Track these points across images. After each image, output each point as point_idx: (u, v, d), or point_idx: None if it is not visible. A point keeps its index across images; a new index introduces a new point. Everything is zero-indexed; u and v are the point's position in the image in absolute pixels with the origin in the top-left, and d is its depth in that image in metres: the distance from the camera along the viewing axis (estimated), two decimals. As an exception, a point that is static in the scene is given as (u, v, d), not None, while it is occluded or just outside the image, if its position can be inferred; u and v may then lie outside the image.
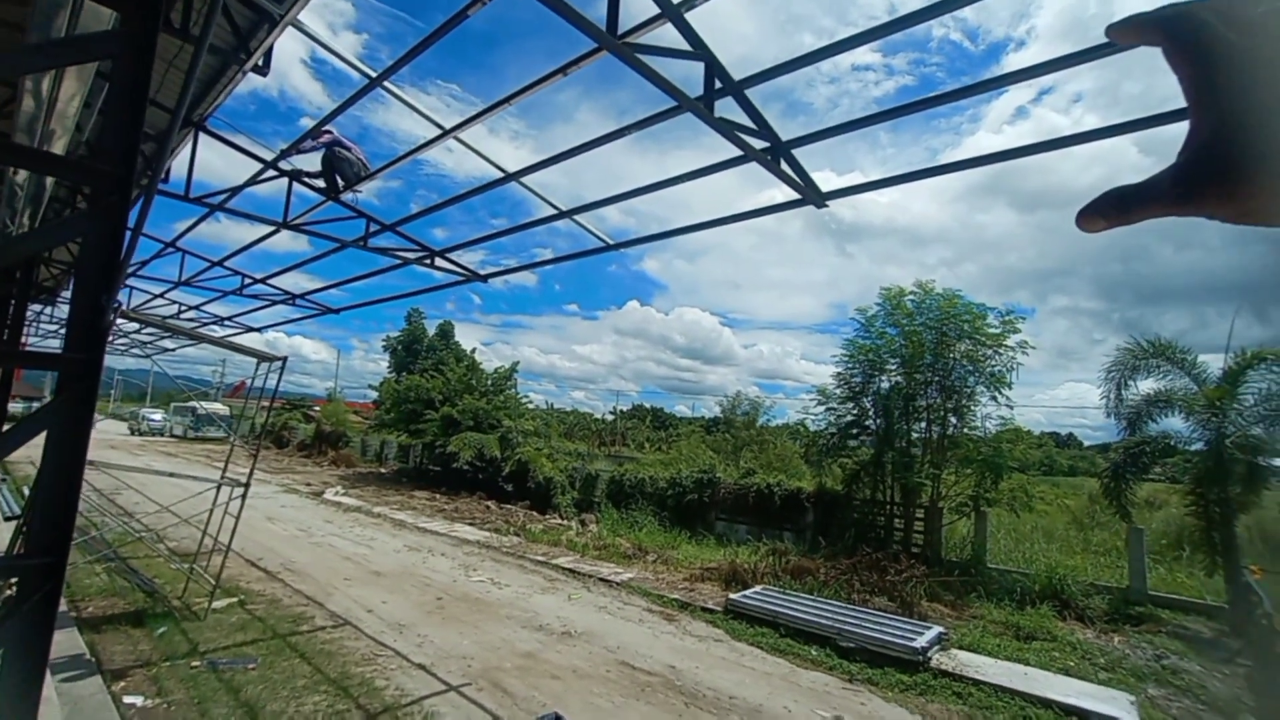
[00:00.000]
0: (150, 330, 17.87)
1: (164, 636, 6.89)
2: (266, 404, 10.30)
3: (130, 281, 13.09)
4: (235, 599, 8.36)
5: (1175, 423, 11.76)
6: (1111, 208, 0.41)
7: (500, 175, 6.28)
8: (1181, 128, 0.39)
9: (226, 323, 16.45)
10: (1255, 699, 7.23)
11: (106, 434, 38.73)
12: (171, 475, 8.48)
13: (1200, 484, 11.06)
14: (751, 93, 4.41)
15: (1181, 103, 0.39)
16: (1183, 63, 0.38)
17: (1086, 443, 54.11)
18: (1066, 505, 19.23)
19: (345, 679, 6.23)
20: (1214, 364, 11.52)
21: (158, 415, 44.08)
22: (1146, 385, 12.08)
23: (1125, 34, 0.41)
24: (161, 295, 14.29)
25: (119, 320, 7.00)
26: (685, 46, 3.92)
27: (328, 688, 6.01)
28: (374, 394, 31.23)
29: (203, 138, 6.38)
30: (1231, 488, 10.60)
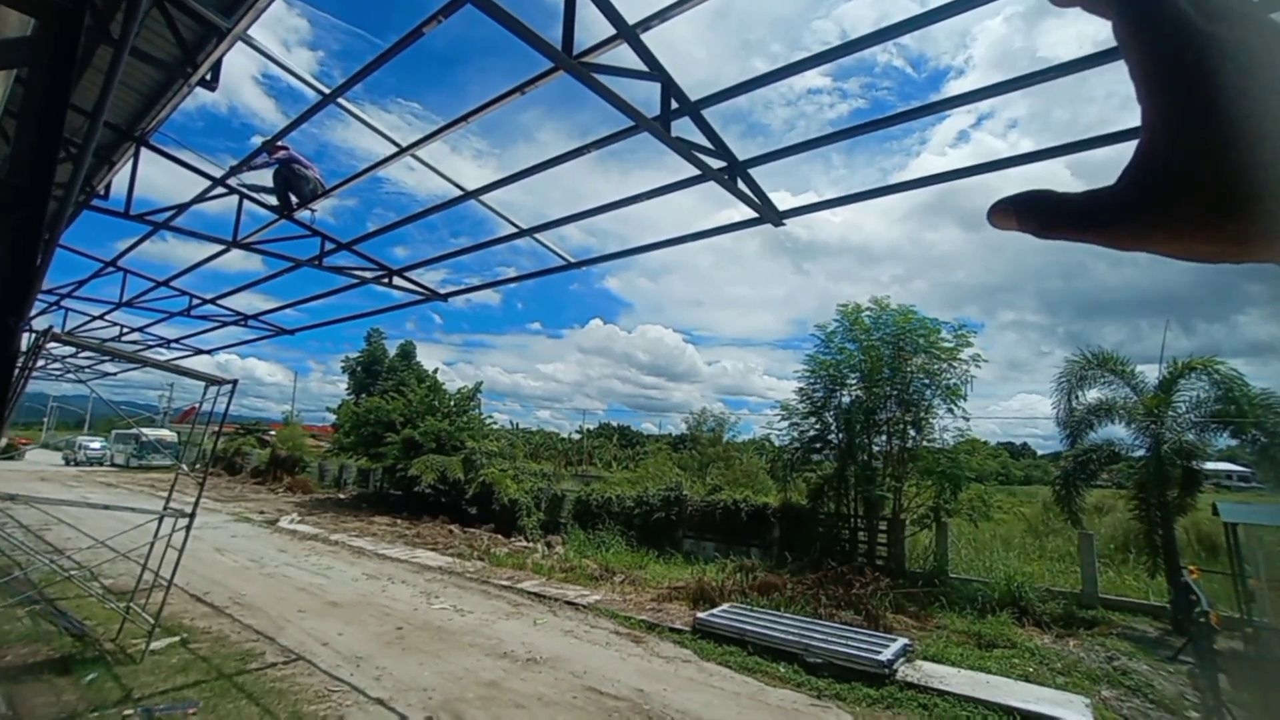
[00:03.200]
0: (88, 354, 16.95)
1: (93, 684, 6.40)
2: (216, 429, 9.83)
3: (66, 303, 12.42)
4: (176, 638, 7.86)
5: (1118, 430, 12.35)
6: (1030, 215, 0.34)
7: (460, 193, 6.23)
8: (1107, 151, 0.31)
9: (174, 345, 15.73)
10: (1197, 695, 7.52)
11: (37, 465, 36.34)
12: (107, 508, 7.98)
13: (1142, 489, 11.60)
14: (711, 114, 4.50)
15: (1106, 129, 0.33)
16: (1136, 43, 0.29)
17: (1040, 452, 56.16)
18: (1023, 513, 19.87)
19: (296, 719, 5.90)
20: (1150, 374, 12.17)
21: (96, 443, 41.56)
22: (1093, 394, 12.68)
23: (1075, 3, 0.34)
24: (102, 317, 13.59)
25: (50, 344, 6.60)
26: (642, 67, 3.98)
27: (276, 729, 5.68)
28: (332, 417, 30.17)
29: (148, 154, 6.15)
30: (1170, 492, 11.14)
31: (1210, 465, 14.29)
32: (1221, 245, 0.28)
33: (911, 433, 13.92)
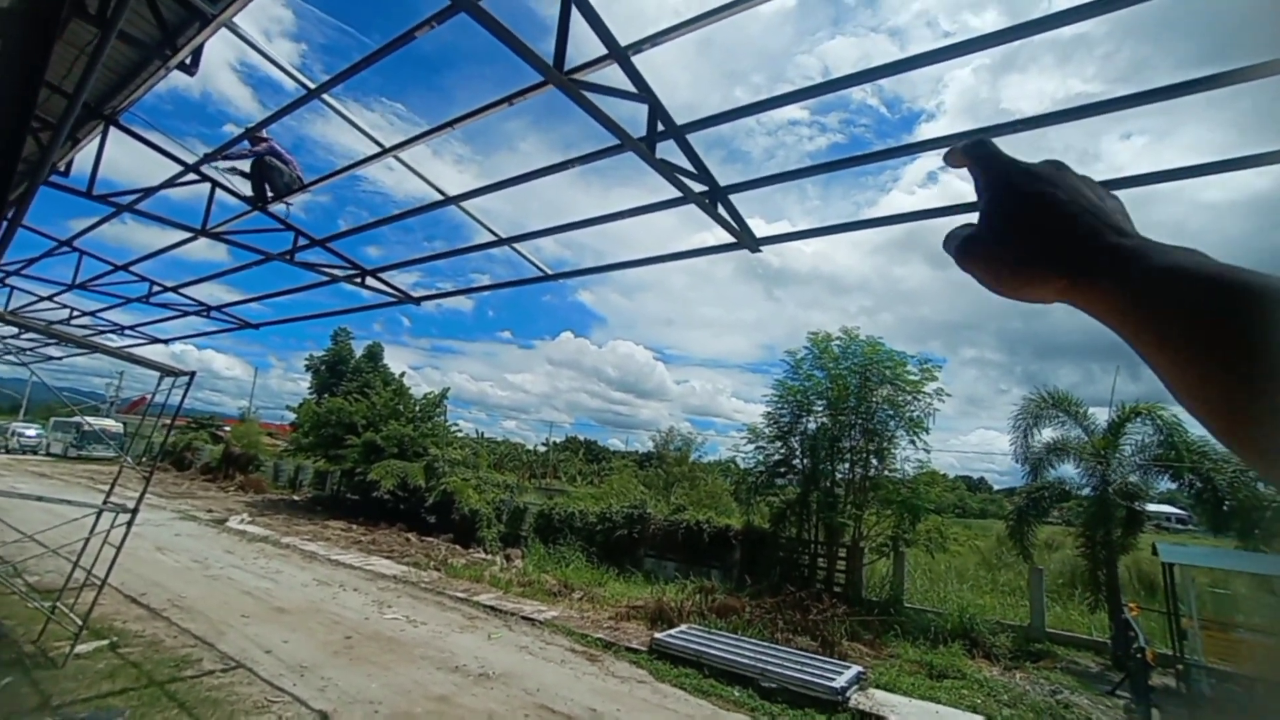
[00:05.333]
0: (32, 336, 16.13)
1: (8, 689, 6.00)
2: (167, 422, 9.44)
3: (11, 281, 11.85)
4: (105, 641, 7.44)
5: (1070, 469, 12.82)
6: (956, 249, 0.51)
7: (440, 198, 6.20)
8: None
9: (128, 332, 15.06)
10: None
11: (-34, 450, 34.22)
12: (39, 499, 7.56)
13: (1088, 527, 12.02)
14: (694, 138, 4.59)
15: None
16: (976, 166, 0.52)
17: (996, 487, 57.71)
18: (977, 546, 20.33)
19: (229, 731, 5.62)
20: (1101, 416, 12.69)
21: (32, 430, 39.37)
22: (1048, 433, 13.15)
23: (952, 160, 0.55)
24: (50, 298, 12.96)
25: (-7, 322, 6.29)
26: (630, 88, 4.05)
27: (207, 741, 5.40)
28: (291, 415, 29.22)
29: (115, 134, 5.96)
30: (1114, 531, 11.57)
31: (1152, 507, 14.91)
32: (1014, 266, 0.46)
33: (874, 462, 14.17)
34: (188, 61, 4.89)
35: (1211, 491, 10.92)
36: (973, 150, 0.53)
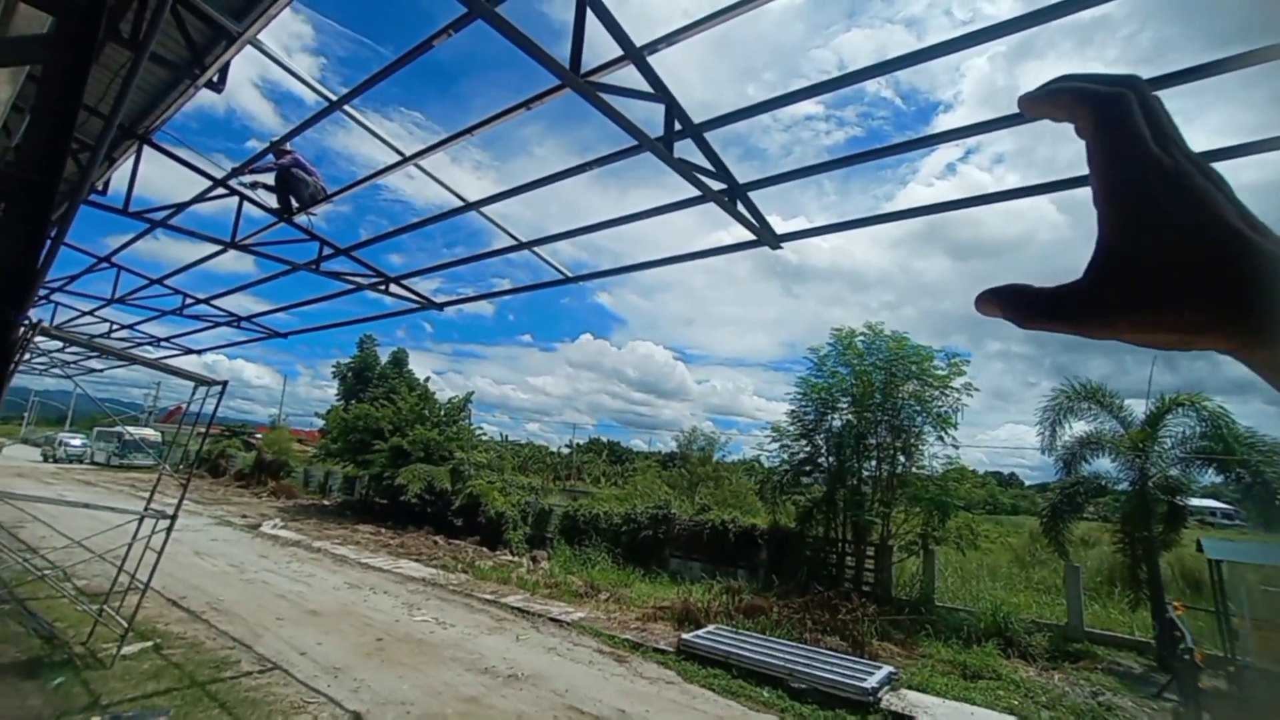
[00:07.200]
0: (75, 349, 16.77)
1: (60, 688, 6.24)
2: (202, 430, 9.73)
3: (56, 297, 12.33)
4: (149, 643, 7.68)
5: (1105, 463, 12.42)
6: (1012, 307, 0.36)
7: (460, 204, 6.28)
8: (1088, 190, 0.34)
9: (163, 344, 15.61)
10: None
11: (14, 460, 35.66)
12: (86, 506, 7.84)
13: (1127, 523, 11.63)
14: (710, 136, 4.58)
15: (1083, 168, 0.34)
16: (1105, 155, 0.34)
17: (1027, 482, 56.37)
18: (1009, 543, 19.85)
19: (267, 731, 5.76)
20: (1138, 408, 12.27)
21: (77, 440, 40.89)
22: (1079, 427, 12.76)
23: (1041, 107, 0.37)
24: (91, 313, 13.49)
25: (38, 338, 6.54)
26: (646, 88, 4.05)
27: (247, 741, 5.54)
28: (320, 422, 29.89)
29: (147, 152, 6.17)
30: (1154, 527, 11.18)
31: (1195, 501, 14.37)
32: (1179, 332, 0.32)
33: (901, 459, 13.92)
34: (215, 79, 5.04)
35: (1262, 485, 10.48)
36: (1105, 107, 0.33)
